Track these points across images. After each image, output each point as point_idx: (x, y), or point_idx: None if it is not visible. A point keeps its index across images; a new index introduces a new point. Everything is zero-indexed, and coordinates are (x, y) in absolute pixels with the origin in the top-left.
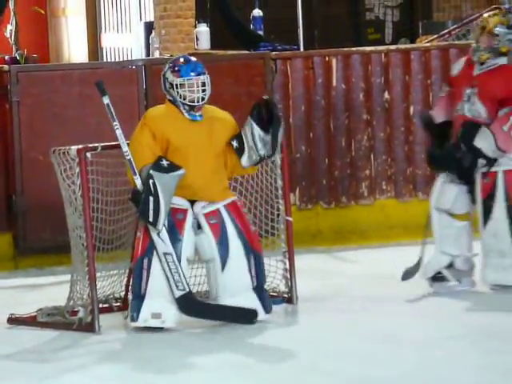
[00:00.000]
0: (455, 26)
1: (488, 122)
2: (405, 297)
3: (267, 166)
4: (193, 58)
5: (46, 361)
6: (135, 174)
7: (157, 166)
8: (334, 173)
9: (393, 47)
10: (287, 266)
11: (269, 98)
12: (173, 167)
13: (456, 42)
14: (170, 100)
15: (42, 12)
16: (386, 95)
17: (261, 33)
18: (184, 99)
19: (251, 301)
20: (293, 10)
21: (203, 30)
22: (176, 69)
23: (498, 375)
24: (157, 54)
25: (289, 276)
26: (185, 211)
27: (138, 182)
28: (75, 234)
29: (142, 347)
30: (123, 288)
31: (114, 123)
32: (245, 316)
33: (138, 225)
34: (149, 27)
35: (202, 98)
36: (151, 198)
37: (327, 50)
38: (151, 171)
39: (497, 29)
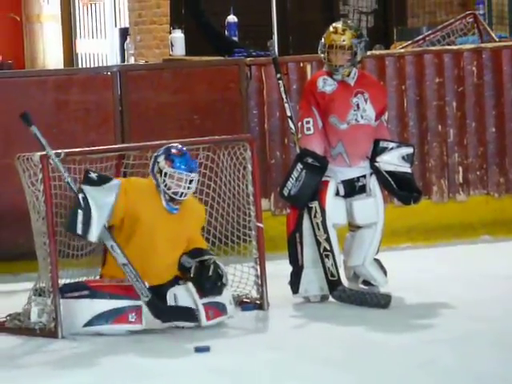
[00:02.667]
0: (430, 31)
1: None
2: None
3: (239, 173)
4: (188, 153)
5: (8, 366)
6: (75, 193)
7: (86, 180)
8: None
9: (367, 53)
10: (258, 273)
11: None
12: (104, 179)
13: (430, 48)
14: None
15: (17, 18)
16: None
17: (235, 39)
18: (168, 189)
19: None
20: (267, 16)
21: (178, 36)
22: (170, 158)
23: (474, 380)
24: (132, 60)
25: (260, 282)
26: None
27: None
28: (39, 241)
29: (115, 353)
30: None
31: (47, 151)
32: (190, 318)
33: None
34: (124, 33)
35: (185, 195)
36: (79, 212)
37: (302, 56)
38: (81, 185)
39: (354, 42)
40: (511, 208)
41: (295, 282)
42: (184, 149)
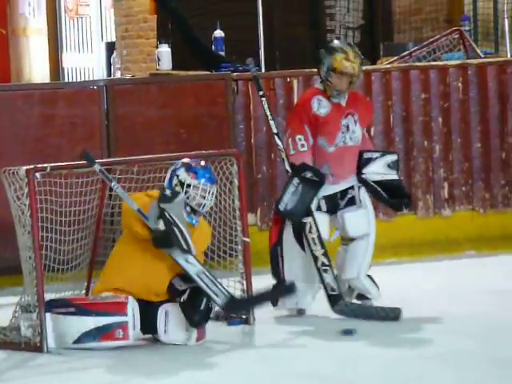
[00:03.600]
0: (416, 47)
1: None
2: None
3: (225, 187)
4: (208, 167)
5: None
6: (147, 219)
7: (163, 198)
8: None
9: None
10: (245, 287)
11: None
12: (175, 194)
13: (416, 64)
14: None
15: (3, 31)
16: None
17: (222, 54)
18: (191, 201)
19: None
20: (254, 31)
21: (165, 50)
22: (193, 170)
23: None
24: (118, 75)
25: (246, 297)
26: None
27: (152, 224)
28: (25, 255)
29: (99, 369)
30: None
31: (112, 184)
32: (283, 290)
33: (95, 245)
34: (110, 47)
35: (208, 206)
36: (176, 229)
37: (288, 71)
38: (161, 205)
39: (360, 69)
40: (496, 223)
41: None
42: (203, 163)
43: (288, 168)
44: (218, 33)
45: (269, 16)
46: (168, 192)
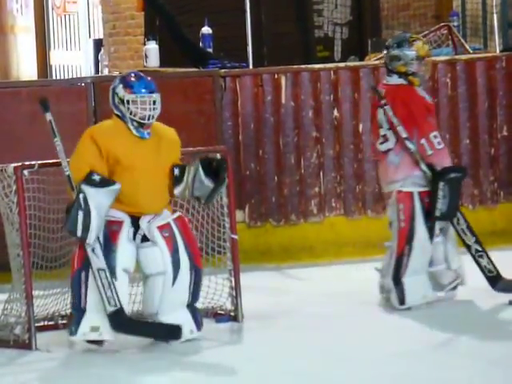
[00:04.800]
0: None
1: None
2: (355, 315)
3: None
4: (144, 76)
5: None
6: (73, 189)
7: (88, 180)
8: (284, 190)
9: (342, 65)
10: (233, 284)
11: (222, 159)
12: (105, 182)
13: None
14: (117, 115)
15: None
16: (335, 113)
17: (210, 50)
18: (134, 116)
19: (186, 317)
20: (242, 27)
21: (152, 47)
22: (128, 84)
23: None
24: (106, 72)
25: (234, 294)
26: (120, 223)
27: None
28: (13, 252)
29: (88, 366)
30: (68, 305)
31: (55, 139)
32: (171, 333)
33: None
34: (98, 44)
35: (153, 116)
36: (80, 213)
37: (276, 68)
38: (82, 186)
39: (429, 49)
40: (485, 220)
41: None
42: (138, 72)
43: (425, 169)
44: (206, 29)
45: (256, 12)
46: (96, 177)
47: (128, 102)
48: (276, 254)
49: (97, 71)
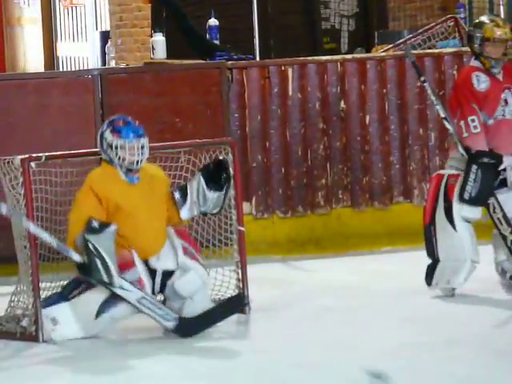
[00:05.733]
0: (411, 35)
1: None
2: (362, 306)
3: None
4: (132, 120)
5: None
6: (67, 252)
7: (89, 229)
8: (291, 182)
9: (348, 56)
10: (240, 276)
11: (224, 159)
12: (104, 225)
13: (412, 52)
14: (106, 160)
15: None
16: (342, 104)
17: (217, 42)
18: (123, 161)
19: None
20: (249, 19)
21: (159, 39)
22: (116, 129)
23: (451, 383)
24: (113, 64)
25: (241, 286)
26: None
27: (76, 256)
28: (20, 244)
29: (91, 357)
30: None
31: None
32: (236, 304)
33: None
34: (105, 36)
35: (141, 161)
36: (97, 260)
37: (283, 60)
38: (86, 236)
39: (499, 32)
40: None
41: (429, 275)
42: (127, 117)
43: (462, 151)
44: (213, 21)
45: (263, 4)
46: (95, 223)
47: (116, 147)
48: (283, 246)
49: (104, 63)
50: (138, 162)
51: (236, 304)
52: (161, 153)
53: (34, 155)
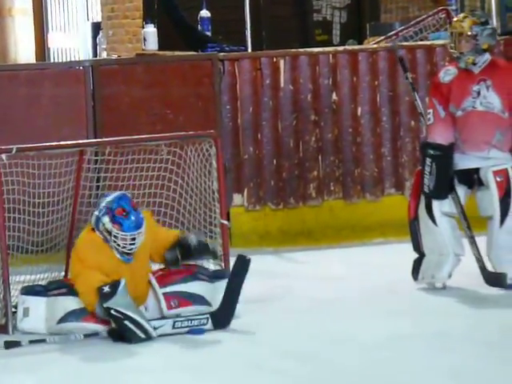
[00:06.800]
0: (402, 27)
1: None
2: (353, 298)
3: (205, 169)
4: (131, 208)
5: None
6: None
7: (103, 297)
8: (282, 174)
9: (340, 48)
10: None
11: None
12: (114, 286)
13: (403, 43)
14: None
15: None
16: (334, 96)
17: (208, 34)
18: (123, 248)
19: None
20: (240, 10)
21: (151, 30)
22: (117, 221)
23: (443, 375)
24: (104, 55)
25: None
26: None
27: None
28: None
29: (82, 350)
30: None
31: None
32: (243, 268)
33: (72, 227)
34: (96, 27)
35: (137, 247)
36: (127, 323)
37: (275, 51)
38: (104, 305)
39: (474, 29)
40: None
41: (415, 269)
42: (125, 205)
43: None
44: (204, 13)
45: None
46: (106, 289)
47: (116, 236)
48: (274, 238)
49: (95, 54)
50: (136, 248)
51: (242, 267)
52: (152, 145)
53: (4, 147)
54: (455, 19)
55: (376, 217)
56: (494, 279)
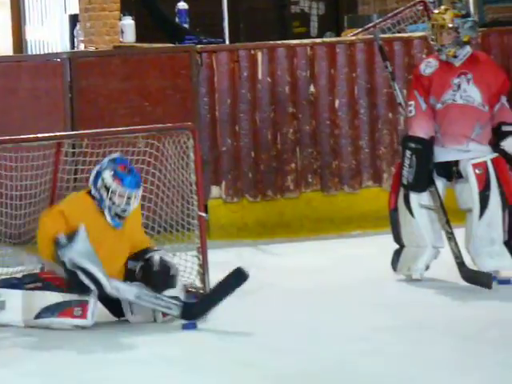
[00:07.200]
0: (380, 19)
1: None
2: (331, 290)
3: (183, 161)
4: (133, 168)
5: None
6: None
7: (58, 246)
8: (260, 166)
9: (318, 40)
10: (201, 262)
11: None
12: (72, 235)
13: (381, 36)
14: (89, 193)
15: None
16: (312, 88)
17: (186, 26)
18: (117, 206)
19: None
20: (218, 3)
21: (128, 22)
22: (119, 176)
23: (420, 367)
24: (82, 47)
25: (202, 271)
26: None
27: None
28: None
29: (58, 342)
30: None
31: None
32: (237, 279)
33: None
34: (73, 20)
35: (130, 211)
36: (79, 273)
37: (253, 44)
38: (59, 253)
39: (456, 22)
40: None
41: (395, 260)
42: (128, 162)
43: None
44: (182, 5)
45: None
46: (62, 238)
47: (114, 192)
48: (252, 230)
49: (72, 47)
50: (130, 210)
51: (237, 278)
52: (129, 138)
53: None
54: (436, 11)
55: (354, 209)
56: (476, 278)
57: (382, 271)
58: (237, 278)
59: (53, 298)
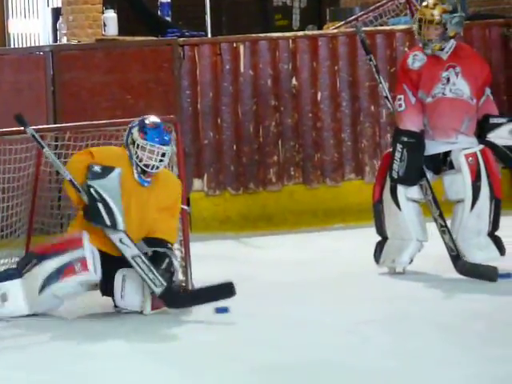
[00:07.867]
0: (362, 12)
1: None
2: (314, 283)
3: None
4: (162, 125)
5: None
6: (80, 191)
7: (91, 174)
8: (242, 159)
9: (300, 33)
10: (183, 254)
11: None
12: (107, 170)
13: (363, 29)
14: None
15: None
16: (294, 81)
17: (168, 19)
18: (140, 161)
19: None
20: None
21: (111, 15)
22: (144, 129)
23: (406, 359)
24: (64, 40)
25: (184, 264)
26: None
27: (85, 198)
28: None
29: (42, 335)
30: None
31: (44, 150)
32: (224, 290)
33: (32, 212)
34: (56, 13)
35: (157, 167)
36: (99, 204)
37: (235, 37)
38: (88, 182)
39: (444, 17)
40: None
41: (378, 252)
42: (159, 121)
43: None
44: None
45: None
46: (97, 168)
47: (138, 146)
48: (235, 223)
49: (55, 40)
50: (153, 166)
51: (224, 291)
52: (110, 131)
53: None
54: (425, 6)
55: (336, 202)
56: (479, 272)
57: (364, 264)
58: (225, 291)
59: (51, 265)
